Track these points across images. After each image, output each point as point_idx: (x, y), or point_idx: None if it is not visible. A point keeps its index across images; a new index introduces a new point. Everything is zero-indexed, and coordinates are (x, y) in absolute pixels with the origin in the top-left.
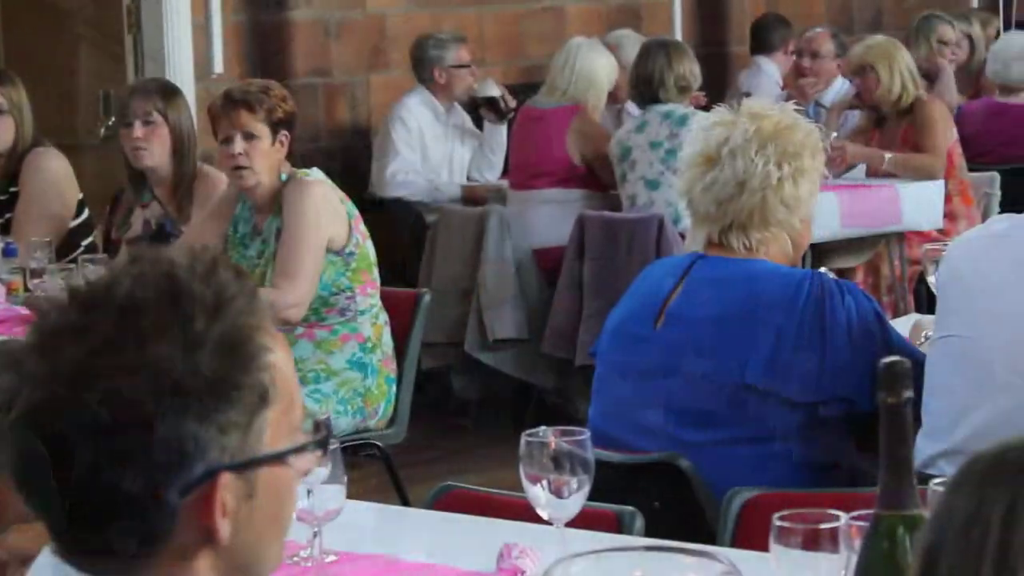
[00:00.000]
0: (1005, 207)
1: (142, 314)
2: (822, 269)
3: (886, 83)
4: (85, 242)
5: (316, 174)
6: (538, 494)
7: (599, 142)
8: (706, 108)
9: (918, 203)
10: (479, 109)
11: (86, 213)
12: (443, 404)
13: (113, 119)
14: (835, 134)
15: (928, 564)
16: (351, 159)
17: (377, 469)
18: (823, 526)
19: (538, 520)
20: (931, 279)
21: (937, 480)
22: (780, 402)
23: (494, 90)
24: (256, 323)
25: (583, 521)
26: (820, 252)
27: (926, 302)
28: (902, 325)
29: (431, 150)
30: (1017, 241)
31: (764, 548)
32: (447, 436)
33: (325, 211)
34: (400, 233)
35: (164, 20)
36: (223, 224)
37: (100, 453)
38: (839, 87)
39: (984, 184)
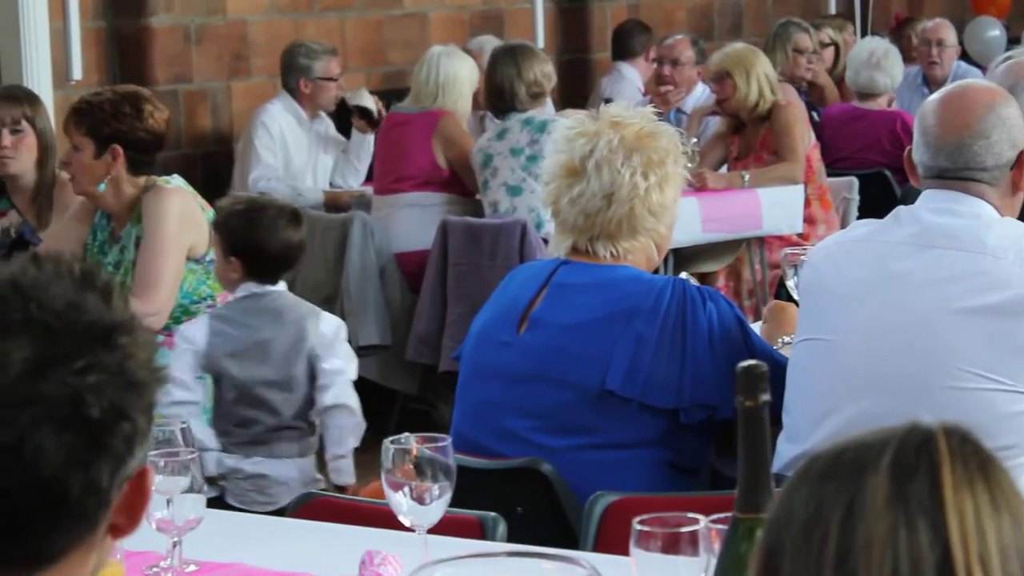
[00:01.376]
0: (863, 211)
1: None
2: (683, 274)
3: (743, 90)
4: None
5: (177, 181)
6: (400, 501)
7: (463, 147)
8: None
9: (778, 208)
10: (351, 116)
11: None
12: None
13: None
14: (695, 140)
15: (768, 565)
16: (212, 166)
17: None
18: (683, 529)
19: (401, 527)
20: (790, 283)
21: None
22: (641, 409)
23: (368, 100)
24: None
25: (446, 527)
26: (681, 257)
27: None
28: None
29: (294, 156)
30: (878, 246)
31: (626, 552)
32: None
33: (185, 219)
34: None
35: (21, 26)
36: (83, 230)
37: (70, 448)
38: (699, 93)
39: (843, 189)
